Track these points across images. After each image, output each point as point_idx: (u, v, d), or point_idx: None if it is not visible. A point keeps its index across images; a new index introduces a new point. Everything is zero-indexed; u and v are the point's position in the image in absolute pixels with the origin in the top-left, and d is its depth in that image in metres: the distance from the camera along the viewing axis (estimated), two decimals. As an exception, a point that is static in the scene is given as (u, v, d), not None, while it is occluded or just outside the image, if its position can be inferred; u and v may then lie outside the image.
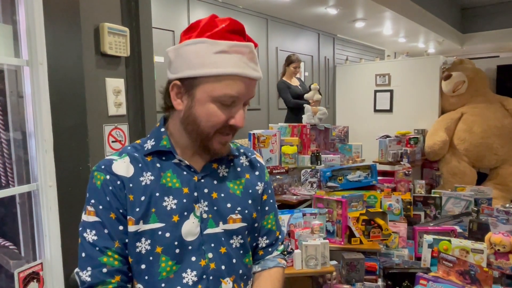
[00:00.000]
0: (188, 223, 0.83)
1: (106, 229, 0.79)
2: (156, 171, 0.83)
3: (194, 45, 0.79)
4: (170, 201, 0.82)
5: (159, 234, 0.80)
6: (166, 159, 0.85)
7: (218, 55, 0.77)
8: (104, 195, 0.80)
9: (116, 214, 0.80)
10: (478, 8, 6.88)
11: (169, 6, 3.44)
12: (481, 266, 1.75)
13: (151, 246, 0.80)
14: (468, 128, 4.38)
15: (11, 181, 1.17)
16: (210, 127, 0.81)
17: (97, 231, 0.79)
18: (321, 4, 4.30)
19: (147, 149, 0.85)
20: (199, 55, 0.78)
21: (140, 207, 0.80)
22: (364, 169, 2.85)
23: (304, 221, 2.35)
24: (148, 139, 0.88)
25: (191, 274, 0.82)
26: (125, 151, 0.86)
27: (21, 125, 1.14)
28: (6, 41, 1.07)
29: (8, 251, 1.18)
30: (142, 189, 0.81)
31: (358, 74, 5.68)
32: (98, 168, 0.82)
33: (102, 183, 0.80)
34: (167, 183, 0.83)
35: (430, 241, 2.10)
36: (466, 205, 2.69)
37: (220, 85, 0.78)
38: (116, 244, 0.79)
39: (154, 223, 0.80)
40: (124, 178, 0.81)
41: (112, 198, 0.80)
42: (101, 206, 0.80)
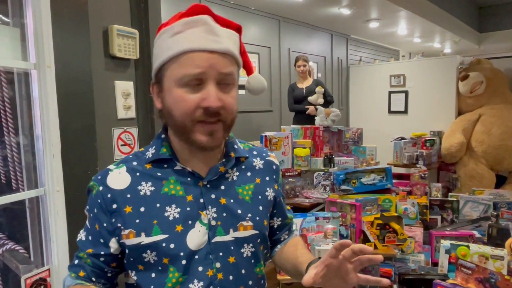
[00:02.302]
0: (194, 232, 0.78)
1: (90, 235, 0.81)
2: (157, 180, 0.80)
3: (158, 39, 0.78)
4: (173, 211, 0.78)
5: (163, 246, 0.76)
6: (168, 167, 0.82)
7: (174, 37, 0.74)
8: (93, 205, 0.79)
9: (99, 227, 0.79)
10: (496, 6, 6.73)
11: (178, 7, 3.44)
12: (501, 273, 1.69)
13: (157, 257, 0.77)
14: (487, 129, 4.27)
15: (21, 186, 1.17)
16: (183, 115, 0.74)
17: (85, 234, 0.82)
18: (334, 4, 4.26)
19: (148, 158, 0.82)
20: (160, 45, 0.76)
21: (140, 219, 0.77)
22: (378, 172, 2.80)
23: (317, 225, 2.32)
24: (150, 147, 0.84)
25: (198, 284, 0.78)
26: (124, 160, 0.83)
27: (30, 129, 1.14)
28: (14, 44, 1.07)
29: (19, 255, 1.18)
30: (141, 200, 0.78)
31: (372, 75, 5.61)
32: (95, 178, 0.82)
33: (95, 193, 0.79)
34: (170, 191, 0.79)
35: (447, 247, 2.04)
36: (485, 209, 2.61)
37: (178, 65, 0.73)
38: (89, 250, 0.80)
39: (157, 235, 0.76)
40: (116, 191, 0.78)
41: (99, 211, 0.79)
42: (91, 215, 0.80)
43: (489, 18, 6.87)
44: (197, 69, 0.72)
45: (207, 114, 0.74)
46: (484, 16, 6.93)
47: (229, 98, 0.76)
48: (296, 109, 4.22)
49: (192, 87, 0.73)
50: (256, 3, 4.18)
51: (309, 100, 4.10)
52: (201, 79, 0.73)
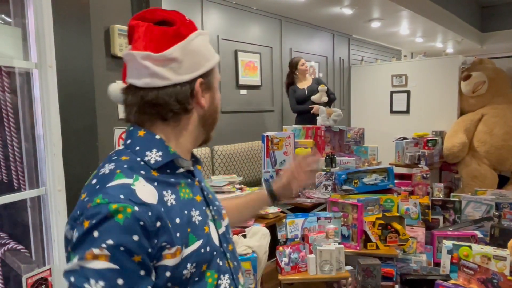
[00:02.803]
0: (212, 230, 0.80)
1: (121, 279, 0.61)
2: (173, 187, 0.74)
3: (197, 38, 0.77)
4: (196, 215, 0.76)
5: (202, 252, 0.74)
6: (171, 172, 0.76)
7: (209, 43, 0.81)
8: (129, 234, 0.62)
9: (142, 257, 0.63)
10: (499, 6, 6.70)
11: (182, 8, 3.45)
12: (504, 274, 1.69)
13: (196, 268, 0.72)
14: (489, 129, 4.26)
15: (22, 185, 1.17)
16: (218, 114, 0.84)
17: (107, 282, 0.60)
18: (336, 4, 4.25)
19: (157, 162, 0.72)
20: (205, 46, 0.79)
21: (179, 231, 0.70)
22: (380, 172, 2.80)
23: (318, 225, 2.32)
24: (143, 151, 0.74)
25: (224, 278, 0.79)
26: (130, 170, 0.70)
27: (31, 129, 1.14)
28: (15, 44, 1.07)
29: (20, 254, 1.18)
30: (172, 211, 0.70)
31: (374, 75, 5.60)
32: (114, 199, 0.63)
33: (128, 217, 0.62)
34: (185, 195, 0.76)
35: (449, 247, 2.04)
36: (487, 209, 2.61)
37: (217, 69, 0.83)
38: None
39: (194, 243, 0.72)
40: (154, 206, 0.67)
41: (142, 237, 0.63)
42: (123, 248, 0.61)
43: (492, 18, 6.85)
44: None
45: None
46: (487, 15, 6.91)
47: None
48: (300, 109, 4.18)
49: None
50: (257, 3, 4.17)
51: (312, 99, 4.08)
52: None
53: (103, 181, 0.68)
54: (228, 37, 4.02)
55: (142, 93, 0.73)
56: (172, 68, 0.73)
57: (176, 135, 0.78)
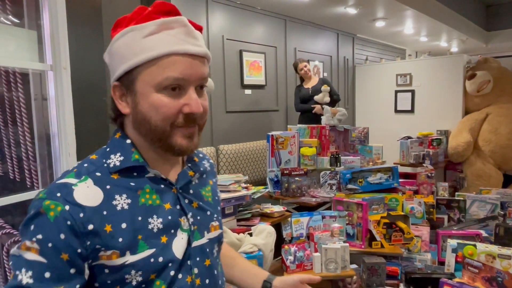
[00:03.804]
0: (177, 241, 0.74)
1: (48, 272, 0.63)
2: (131, 191, 0.71)
3: (122, 37, 0.70)
4: (155, 222, 0.72)
5: (152, 262, 0.70)
6: (138, 175, 0.73)
7: (148, 38, 0.68)
8: (57, 231, 0.63)
9: (70, 256, 0.64)
10: (504, 4, 6.68)
11: (188, 8, 3.48)
12: (509, 272, 1.70)
13: (143, 276, 0.69)
14: (494, 129, 4.26)
15: (35, 183, 1.20)
16: (162, 121, 0.69)
17: (34, 273, 0.62)
18: (340, 3, 4.26)
19: (115, 166, 0.71)
20: (129, 45, 0.69)
21: (124, 236, 0.68)
22: (385, 171, 2.81)
23: (323, 223, 2.33)
24: (109, 153, 0.73)
25: None
26: (84, 171, 0.70)
27: (45, 128, 1.17)
28: (31, 46, 1.10)
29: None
30: (120, 216, 0.69)
31: (378, 74, 5.60)
32: (50, 196, 0.65)
33: (58, 215, 0.63)
34: (147, 201, 0.72)
35: (454, 246, 2.05)
36: (492, 208, 2.61)
37: (157, 69, 0.68)
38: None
39: (143, 251, 0.69)
40: (89, 208, 0.66)
41: (70, 236, 0.63)
42: (51, 244, 0.63)
43: (497, 17, 6.82)
44: (180, 73, 0.69)
45: (188, 120, 0.71)
46: (492, 14, 6.88)
47: (205, 102, 0.74)
48: (302, 108, 4.23)
49: (171, 91, 0.69)
50: (262, 3, 4.19)
51: (315, 99, 4.11)
52: (182, 84, 0.70)
53: (60, 177, 0.71)
54: (233, 37, 4.04)
55: None
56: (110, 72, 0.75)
57: (135, 138, 0.75)
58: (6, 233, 1.34)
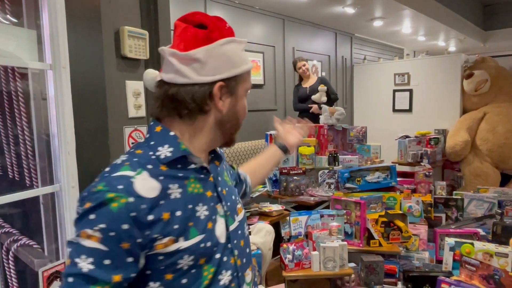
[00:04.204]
0: (219, 226, 0.82)
1: (108, 259, 0.67)
2: (181, 181, 0.77)
3: (228, 44, 0.80)
4: (201, 209, 0.79)
5: (201, 247, 0.77)
6: (182, 167, 0.79)
7: (243, 51, 0.83)
8: (120, 221, 0.67)
9: (130, 245, 0.68)
10: (501, 4, 6.69)
11: (186, 8, 3.47)
12: (506, 270, 1.71)
13: (194, 260, 0.76)
14: (491, 128, 4.27)
15: (35, 182, 1.21)
16: (242, 120, 0.87)
17: (95, 260, 0.66)
18: (338, 3, 4.27)
19: (166, 157, 0.76)
20: (237, 53, 0.81)
21: (179, 223, 0.74)
22: (383, 170, 2.82)
23: (322, 222, 2.34)
24: (156, 146, 0.78)
25: (226, 274, 0.82)
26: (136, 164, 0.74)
27: (45, 128, 1.18)
28: (30, 46, 1.11)
29: (33, 250, 1.22)
30: (175, 204, 0.74)
31: (377, 74, 5.61)
32: (112, 188, 0.68)
33: (122, 207, 0.67)
34: (193, 190, 0.79)
35: (452, 244, 2.06)
36: (489, 207, 2.63)
37: (248, 77, 0.85)
38: (115, 279, 0.68)
39: (195, 237, 0.76)
40: (149, 200, 0.70)
41: (132, 227, 0.68)
42: (113, 233, 0.67)
43: (494, 16, 6.84)
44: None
45: None
46: (489, 14, 6.90)
47: None
48: (300, 108, 4.25)
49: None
50: (260, 3, 4.19)
51: (312, 98, 4.12)
52: None
53: (111, 170, 0.74)
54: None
55: (166, 87, 0.79)
56: (194, 67, 0.77)
57: (191, 133, 0.81)
58: (5, 232, 1.34)
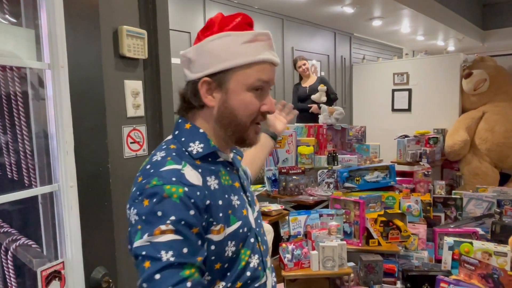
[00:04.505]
0: (249, 213, 0.89)
1: (186, 247, 0.71)
2: (215, 174, 0.83)
3: (219, 39, 0.81)
4: (234, 198, 0.85)
5: (240, 232, 0.83)
6: (212, 160, 0.85)
7: (245, 45, 0.80)
8: (186, 209, 0.72)
9: (199, 229, 0.74)
10: (500, 3, 6.71)
11: (185, 8, 3.47)
12: (504, 269, 1.71)
13: (235, 246, 0.82)
14: (490, 127, 4.28)
15: (33, 182, 1.21)
16: (247, 117, 0.82)
17: (175, 251, 0.70)
18: (337, 3, 4.27)
19: (198, 153, 0.82)
20: (227, 48, 0.80)
21: (222, 212, 0.80)
22: (382, 169, 2.82)
23: (321, 222, 2.35)
24: (187, 142, 0.83)
25: (254, 257, 0.87)
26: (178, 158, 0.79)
27: (43, 127, 1.18)
28: (29, 45, 1.10)
29: (31, 250, 1.22)
30: (215, 194, 0.80)
31: (376, 73, 5.62)
32: (168, 181, 0.73)
33: (182, 196, 0.72)
34: (225, 182, 0.85)
35: (450, 243, 2.06)
36: (488, 206, 2.63)
37: (252, 71, 0.81)
38: (198, 259, 0.73)
39: (234, 223, 0.82)
40: (200, 188, 0.76)
41: (196, 212, 0.73)
42: (183, 222, 0.71)
43: (493, 16, 6.85)
44: (268, 78, 0.83)
45: (264, 117, 0.85)
46: (488, 13, 6.91)
47: None
48: (299, 107, 4.25)
49: (256, 92, 0.82)
50: (259, 2, 4.20)
51: (312, 98, 4.13)
52: (264, 87, 0.83)
53: (156, 166, 0.78)
54: (231, 36, 4.04)
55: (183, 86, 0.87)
56: (188, 66, 0.84)
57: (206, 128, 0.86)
58: (4, 232, 1.34)
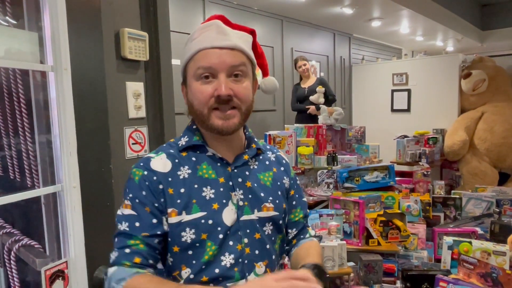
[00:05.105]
0: (228, 210, 0.89)
1: (138, 222, 0.84)
2: (192, 164, 0.89)
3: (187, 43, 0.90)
4: (208, 191, 0.88)
5: (202, 222, 0.86)
6: (200, 153, 0.91)
7: (193, 41, 0.87)
8: (140, 189, 0.85)
9: (150, 208, 0.84)
10: (499, 4, 6.72)
11: (185, 9, 3.49)
12: (503, 268, 1.72)
13: (195, 234, 0.85)
14: (489, 127, 4.29)
15: (36, 183, 1.22)
16: (200, 105, 0.86)
17: (129, 223, 0.84)
18: (336, 4, 4.28)
19: (182, 145, 0.91)
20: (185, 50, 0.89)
21: (181, 199, 0.86)
22: (381, 169, 2.83)
23: (321, 222, 2.35)
24: (181, 136, 0.94)
25: (229, 257, 0.87)
26: (161, 149, 0.92)
27: (46, 128, 1.19)
28: (32, 48, 1.12)
29: (34, 250, 1.23)
30: (181, 182, 0.87)
31: (375, 74, 5.63)
32: (137, 166, 0.88)
33: (139, 178, 0.85)
34: (204, 174, 0.89)
35: (450, 243, 2.07)
36: (488, 206, 2.64)
37: (193, 62, 0.86)
38: (144, 234, 0.83)
39: (196, 212, 0.86)
40: (160, 173, 0.86)
41: (148, 193, 0.84)
42: (138, 200, 0.84)
43: (492, 16, 6.86)
44: (209, 63, 0.84)
45: (219, 102, 0.85)
46: (487, 13, 6.92)
47: (241, 87, 0.87)
48: (298, 108, 4.27)
49: (206, 80, 0.85)
50: (259, 3, 4.21)
51: (310, 99, 4.15)
52: (213, 73, 0.85)
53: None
54: (230, 38, 4.04)
55: None
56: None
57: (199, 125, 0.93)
58: (6, 232, 1.35)
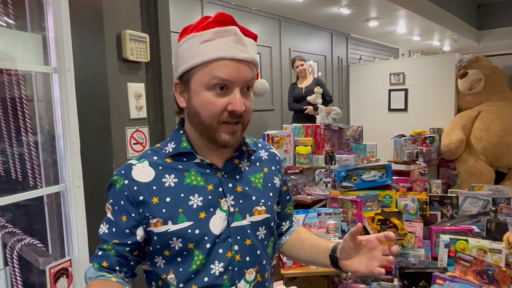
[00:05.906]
0: (215, 218, 0.86)
1: (114, 227, 0.84)
2: (179, 173, 0.86)
3: (184, 42, 0.83)
4: (196, 199, 0.85)
5: (189, 232, 0.83)
6: (187, 160, 0.88)
7: (204, 44, 0.80)
8: (119, 198, 0.84)
9: (127, 218, 0.83)
10: (495, 4, 6.75)
11: (183, 9, 3.50)
12: (499, 266, 1.74)
13: (183, 244, 0.83)
14: (486, 126, 4.32)
15: (38, 183, 1.23)
16: (210, 117, 0.82)
17: (108, 227, 0.85)
18: (333, 4, 4.30)
19: (168, 152, 0.88)
20: (188, 50, 0.82)
21: (167, 208, 0.83)
22: (379, 168, 2.85)
23: (319, 221, 2.37)
24: (168, 142, 0.90)
25: (219, 265, 0.86)
26: (145, 155, 0.88)
27: (49, 129, 1.20)
28: (36, 50, 1.13)
29: (37, 249, 1.24)
30: (166, 191, 0.84)
31: (372, 74, 5.66)
32: (118, 173, 0.86)
33: (120, 187, 0.84)
34: (191, 182, 0.86)
35: (446, 241, 2.09)
36: (484, 204, 2.66)
37: (208, 70, 0.80)
38: (115, 241, 0.84)
39: (182, 222, 0.83)
40: (142, 184, 0.84)
41: (126, 203, 0.83)
42: (116, 207, 0.84)
43: (488, 16, 6.90)
44: (226, 75, 0.79)
45: (232, 117, 0.82)
46: (483, 13, 6.96)
47: (249, 102, 0.85)
48: (295, 108, 4.29)
49: (219, 91, 0.80)
50: (257, 4, 4.22)
51: (307, 99, 4.17)
52: (228, 85, 0.80)
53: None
54: (229, 38, 4.05)
55: None
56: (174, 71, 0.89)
57: (189, 129, 0.89)
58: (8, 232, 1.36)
